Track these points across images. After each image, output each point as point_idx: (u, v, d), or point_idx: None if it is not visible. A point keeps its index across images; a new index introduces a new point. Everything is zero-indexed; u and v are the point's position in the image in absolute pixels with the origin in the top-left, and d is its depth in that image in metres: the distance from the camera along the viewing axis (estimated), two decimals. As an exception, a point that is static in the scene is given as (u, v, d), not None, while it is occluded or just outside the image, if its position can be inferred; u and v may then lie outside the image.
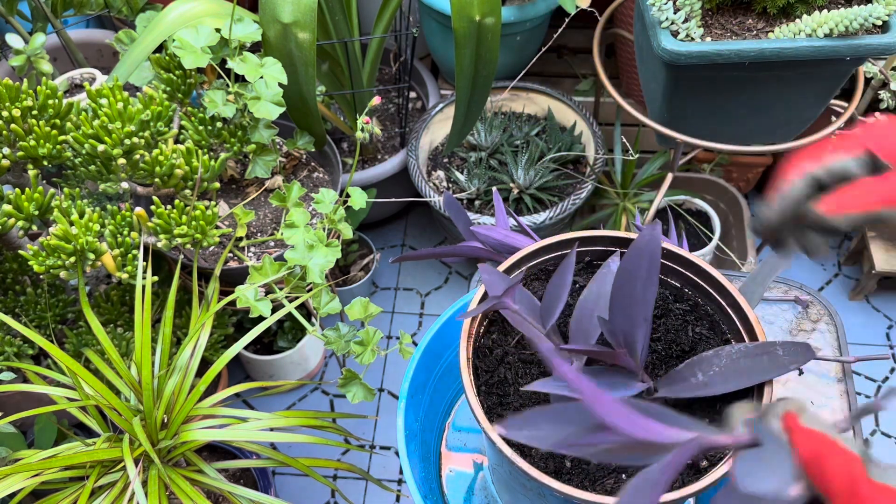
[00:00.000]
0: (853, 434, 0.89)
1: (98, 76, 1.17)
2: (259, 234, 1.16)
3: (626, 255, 0.57)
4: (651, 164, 1.54)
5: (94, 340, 1.03)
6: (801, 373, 0.94)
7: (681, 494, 0.40)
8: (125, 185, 0.97)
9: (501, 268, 0.65)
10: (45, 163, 0.92)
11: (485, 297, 0.63)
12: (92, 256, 0.88)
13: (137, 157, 0.94)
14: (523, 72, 1.47)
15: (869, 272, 1.55)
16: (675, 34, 1.03)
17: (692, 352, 0.62)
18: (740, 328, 0.61)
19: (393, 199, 1.65)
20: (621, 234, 0.65)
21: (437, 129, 1.58)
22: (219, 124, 1.07)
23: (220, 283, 1.00)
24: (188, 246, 0.95)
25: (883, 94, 1.35)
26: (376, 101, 1.01)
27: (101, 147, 0.90)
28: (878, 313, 1.62)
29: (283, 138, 1.22)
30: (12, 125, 0.88)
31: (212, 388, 1.32)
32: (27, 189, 0.89)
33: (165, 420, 0.89)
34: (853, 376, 0.94)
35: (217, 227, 1.00)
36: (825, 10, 1.02)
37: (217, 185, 1.03)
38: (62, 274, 0.87)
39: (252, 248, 1.14)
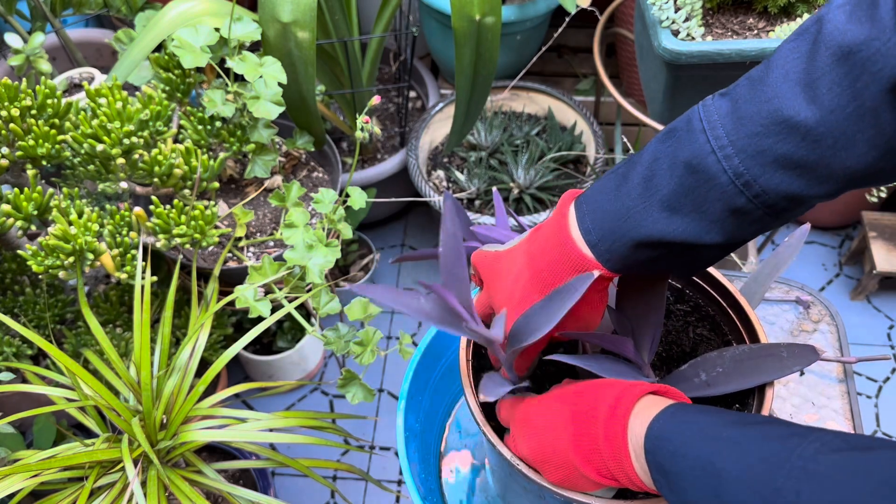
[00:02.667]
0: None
1: (97, 75, 1.17)
2: (258, 234, 1.16)
3: None
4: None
5: (92, 341, 1.03)
6: (802, 373, 0.94)
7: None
8: (124, 184, 0.97)
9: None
10: (44, 162, 0.92)
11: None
12: (91, 256, 0.88)
13: (136, 156, 0.93)
14: (523, 71, 1.46)
15: (870, 272, 1.55)
16: (675, 33, 1.03)
17: (693, 353, 0.62)
18: (741, 329, 0.60)
19: (393, 199, 1.65)
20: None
21: (437, 128, 1.58)
22: (218, 124, 1.06)
23: (219, 283, 1.00)
24: (187, 246, 0.94)
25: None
26: (376, 100, 1.00)
27: (99, 147, 0.90)
28: (879, 313, 1.62)
29: (283, 138, 1.22)
30: (11, 125, 0.88)
31: (211, 389, 1.31)
32: (26, 189, 0.88)
33: (164, 420, 0.89)
34: (854, 377, 0.94)
35: (216, 227, 1.00)
36: (826, 10, 1.02)
37: (216, 184, 1.02)
38: (61, 274, 0.86)
39: (251, 248, 1.14)
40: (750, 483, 0.39)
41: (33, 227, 0.90)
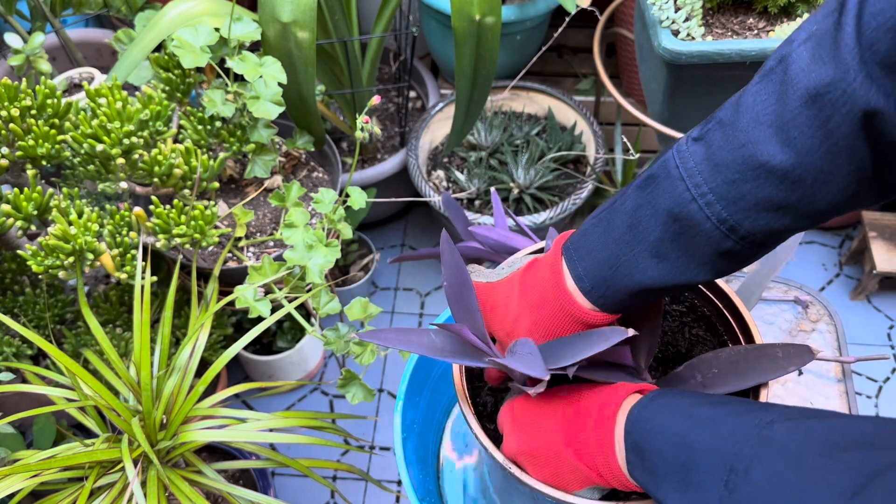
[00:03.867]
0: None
1: (97, 75, 1.17)
2: (258, 234, 1.16)
3: None
4: (652, 164, 1.54)
5: (92, 341, 1.03)
6: (800, 373, 0.94)
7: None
8: (124, 184, 0.97)
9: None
10: (44, 162, 0.92)
11: None
12: (91, 256, 0.88)
13: (136, 156, 0.93)
14: (523, 71, 1.46)
15: (870, 272, 1.55)
16: (675, 33, 1.03)
17: (689, 354, 0.62)
18: (737, 330, 0.61)
19: (393, 199, 1.65)
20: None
21: (437, 128, 1.58)
22: (218, 124, 1.06)
23: (219, 283, 1.00)
24: (187, 246, 0.95)
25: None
26: (376, 100, 1.00)
27: (99, 146, 0.90)
28: (879, 313, 1.62)
29: (283, 138, 1.22)
30: (11, 125, 0.88)
31: (211, 389, 1.32)
32: (26, 189, 0.88)
33: (164, 421, 0.89)
34: (853, 376, 0.94)
35: (216, 227, 1.00)
36: (826, 10, 1.02)
37: (216, 184, 1.02)
38: (61, 274, 0.87)
39: (251, 248, 1.14)
40: (716, 452, 0.41)
41: (33, 227, 0.90)
